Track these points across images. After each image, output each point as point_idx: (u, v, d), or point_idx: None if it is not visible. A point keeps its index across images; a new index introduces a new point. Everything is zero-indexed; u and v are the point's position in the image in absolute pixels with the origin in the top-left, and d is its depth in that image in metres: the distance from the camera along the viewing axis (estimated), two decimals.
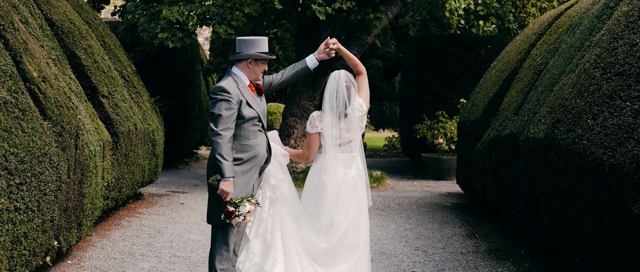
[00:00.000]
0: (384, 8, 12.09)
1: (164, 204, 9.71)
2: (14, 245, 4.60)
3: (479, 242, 7.57)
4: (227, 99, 4.56)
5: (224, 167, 4.48)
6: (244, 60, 4.74)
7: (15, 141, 4.60)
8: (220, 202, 4.56)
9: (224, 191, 4.48)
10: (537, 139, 5.78)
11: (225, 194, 4.49)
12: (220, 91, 4.59)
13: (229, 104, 4.55)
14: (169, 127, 13.12)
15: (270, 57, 4.79)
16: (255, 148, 4.70)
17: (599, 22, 6.06)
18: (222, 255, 4.67)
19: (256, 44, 4.72)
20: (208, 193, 4.78)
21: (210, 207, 4.71)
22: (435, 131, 13.75)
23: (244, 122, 4.65)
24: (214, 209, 4.65)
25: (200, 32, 25.98)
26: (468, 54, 14.54)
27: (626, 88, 4.57)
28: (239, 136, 4.64)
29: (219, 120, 4.52)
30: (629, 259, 4.14)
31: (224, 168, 4.48)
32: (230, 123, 4.55)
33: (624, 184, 4.15)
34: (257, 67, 4.76)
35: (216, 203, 4.61)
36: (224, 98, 4.56)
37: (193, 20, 10.71)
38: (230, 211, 4.46)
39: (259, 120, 4.74)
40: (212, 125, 4.55)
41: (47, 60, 6.29)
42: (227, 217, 4.48)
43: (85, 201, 6.22)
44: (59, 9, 7.93)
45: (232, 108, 4.56)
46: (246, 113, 4.65)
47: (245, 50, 4.72)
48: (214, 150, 4.52)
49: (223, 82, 4.65)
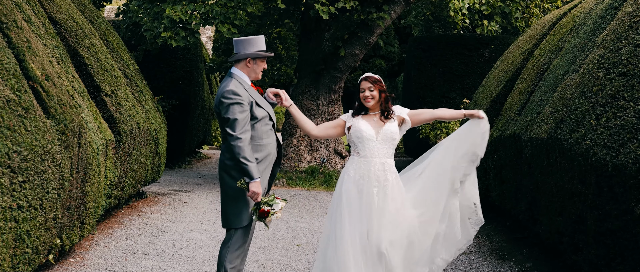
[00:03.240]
0: (387, 8, 12.08)
1: (167, 203, 9.71)
2: (17, 243, 4.60)
3: (481, 242, 7.56)
4: (239, 102, 4.55)
5: (250, 169, 4.48)
6: (242, 60, 4.73)
7: (18, 139, 4.60)
8: (243, 204, 4.56)
9: (254, 193, 4.49)
10: (540, 139, 5.77)
11: (257, 195, 4.48)
12: (232, 94, 4.56)
13: (242, 107, 4.55)
14: (172, 126, 13.15)
15: (268, 55, 4.78)
16: (268, 147, 4.72)
17: (603, 22, 6.05)
18: (234, 254, 4.65)
19: (253, 42, 4.73)
20: (223, 197, 4.72)
21: (231, 211, 4.65)
22: (438, 131, 13.72)
23: (257, 122, 4.65)
24: (234, 212, 4.62)
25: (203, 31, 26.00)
26: (471, 54, 14.53)
27: (630, 88, 4.57)
28: (253, 136, 4.63)
29: (236, 124, 4.51)
30: (631, 260, 4.14)
31: (251, 170, 4.48)
32: (247, 125, 4.54)
33: (626, 185, 4.14)
34: (256, 66, 4.75)
35: (239, 205, 4.59)
36: (236, 101, 4.54)
37: (196, 19, 10.71)
38: (266, 211, 4.46)
39: (270, 119, 4.75)
40: (229, 130, 4.52)
41: (50, 59, 6.29)
42: (262, 217, 4.48)
43: (88, 200, 6.23)
44: (62, 8, 7.94)
45: (245, 110, 4.56)
46: (258, 113, 4.65)
47: (243, 50, 4.72)
48: (237, 154, 4.48)
49: (231, 85, 4.60)
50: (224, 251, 4.70)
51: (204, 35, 26.18)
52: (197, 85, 14.92)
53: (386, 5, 12.14)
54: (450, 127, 13.56)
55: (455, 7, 13.14)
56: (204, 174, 13.69)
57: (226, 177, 4.65)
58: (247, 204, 4.62)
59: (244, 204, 4.60)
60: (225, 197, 4.71)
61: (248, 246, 4.77)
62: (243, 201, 4.60)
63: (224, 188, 4.70)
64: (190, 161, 15.93)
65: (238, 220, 4.59)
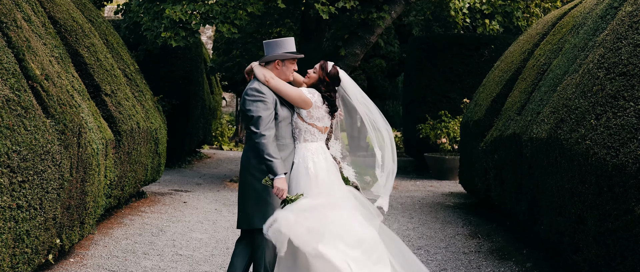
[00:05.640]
0: (387, 7, 12.08)
1: (167, 203, 9.71)
2: (17, 243, 4.60)
3: (481, 242, 7.55)
4: (263, 100, 4.55)
5: (275, 165, 4.45)
6: (271, 62, 4.75)
7: (18, 139, 4.60)
8: (264, 204, 4.54)
9: (279, 189, 4.44)
10: (540, 139, 5.77)
11: (282, 191, 4.45)
12: (255, 92, 4.57)
13: (266, 105, 4.55)
14: (172, 126, 13.15)
15: (297, 56, 4.81)
16: (290, 147, 4.72)
17: (603, 22, 6.04)
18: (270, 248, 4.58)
19: (282, 44, 4.75)
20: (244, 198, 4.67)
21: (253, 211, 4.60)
22: (438, 131, 13.74)
23: (280, 122, 4.65)
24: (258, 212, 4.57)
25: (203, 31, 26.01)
26: (471, 54, 14.53)
27: (630, 88, 4.56)
28: (276, 135, 4.62)
29: (260, 122, 4.50)
30: (631, 260, 4.13)
31: (276, 166, 4.45)
32: (270, 123, 4.54)
33: (626, 185, 4.14)
34: (285, 68, 4.77)
35: (262, 204, 4.56)
36: (259, 99, 4.55)
37: (196, 19, 10.70)
38: None
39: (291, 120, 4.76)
40: (252, 128, 4.51)
41: (49, 58, 6.29)
42: None
43: (88, 199, 6.22)
44: (61, 7, 7.94)
45: (269, 108, 4.56)
46: (281, 113, 4.66)
47: (272, 52, 4.75)
48: (261, 151, 4.46)
49: (255, 84, 4.63)
50: (259, 254, 4.63)
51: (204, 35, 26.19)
52: (197, 85, 14.92)
53: (386, 5, 12.13)
54: (450, 127, 13.57)
55: (455, 7, 13.13)
56: (204, 174, 13.68)
57: (249, 177, 4.62)
58: (268, 204, 4.59)
59: (264, 204, 4.58)
60: (245, 198, 4.67)
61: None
62: (264, 201, 4.58)
63: (245, 189, 4.67)
64: (190, 160, 15.92)
65: (262, 220, 4.53)
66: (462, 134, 10.43)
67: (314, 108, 4.72)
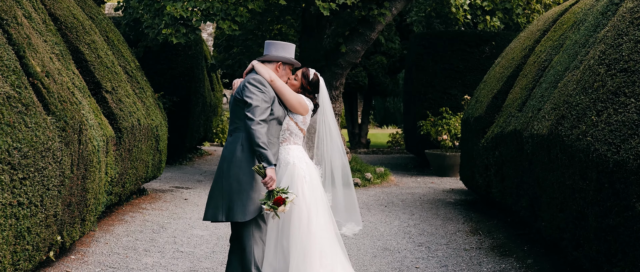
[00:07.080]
0: (388, 4, 12.07)
1: (168, 200, 9.72)
2: (17, 240, 4.60)
3: (482, 238, 7.56)
4: (264, 92, 4.56)
5: (268, 154, 4.43)
6: (273, 62, 4.75)
7: (19, 136, 4.60)
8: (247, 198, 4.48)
9: (271, 178, 4.40)
10: (541, 135, 5.76)
11: (273, 182, 4.41)
12: (259, 84, 4.56)
13: (265, 98, 4.55)
14: (173, 123, 13.14)
15: (297, 64, 4.83)
16: (276, 146, 4.71)
17: (604, 18, 6.03)
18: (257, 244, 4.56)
19: (285, 48, 4.77)
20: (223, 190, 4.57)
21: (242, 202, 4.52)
22: (439, 128, 13.73)
23: (272, 120, 4.64)
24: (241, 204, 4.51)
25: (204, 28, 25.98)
26: (472, 50, 14.51)
27: (631, 84, 4.56)
28: (268, 133, 4.61)
29: (257, 110, 4.48)
30: (632, 256, 4.13)
31: (269, 155, 4.43)
32: (265, 116, 4.53)
33: (627, 181, 4.13)
34: (284, 73, 4.79)
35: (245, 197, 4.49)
36: (261, 90, 4.55)
37: (197, 16, 10.69)
38: (282, 199, 4.42)
39: (279, 122, 4.76)
40: (249, 114, 4.45)
41: (50, 55, 6.29)
42: (276, 204, 4.41)
43: (89, 196, 6.23)
44: (62, 4, 7.93)
45: (267, 102, 4.56)
46: (277, 112, 4.66)
47: (275, 53, 4.75)
48: (256, 138, 4.41)
49: (259, 76, 4.61)
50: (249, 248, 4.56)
51: (205, 32, 26.16)
52: (198, 82, 14.91)
53: (387, 2, 12.12)
54: (451, 123, 13.56)
55: (456, 4, 13.11)
56: (205, 171, 13.69)
57: (234, 169, 4.53)
58: (250, 198, 4.55)
59: (247, 197, 4.54)
60: (226, 191, 4.56)
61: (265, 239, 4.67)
62: (247, 194, 4.53)
63: (226, 182, 4.56)
64: (191, 157, 15.93)
65: (243, 214, 4.49)
66: (463, 130, 10.43)
67: (308, 115, 4.85)
